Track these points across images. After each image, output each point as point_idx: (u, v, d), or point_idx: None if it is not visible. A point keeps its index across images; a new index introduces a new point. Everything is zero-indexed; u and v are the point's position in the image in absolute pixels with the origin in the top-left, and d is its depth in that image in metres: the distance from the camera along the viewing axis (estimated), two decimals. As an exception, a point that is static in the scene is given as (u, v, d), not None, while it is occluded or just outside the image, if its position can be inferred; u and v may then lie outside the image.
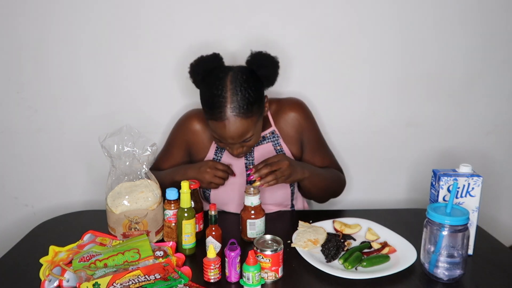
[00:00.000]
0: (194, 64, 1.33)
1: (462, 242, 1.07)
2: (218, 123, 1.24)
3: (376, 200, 1.85)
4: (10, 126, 1.73)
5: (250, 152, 1.44)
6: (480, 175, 1.15)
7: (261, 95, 1.30)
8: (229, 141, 1.28)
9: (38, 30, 1.64)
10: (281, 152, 1.45)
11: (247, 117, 1.24)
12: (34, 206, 1.81)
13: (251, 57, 1.32)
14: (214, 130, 1.28)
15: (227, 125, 1.23)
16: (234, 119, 1.23)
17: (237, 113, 1.23)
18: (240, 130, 1.25)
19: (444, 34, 1.70)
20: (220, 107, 1.22)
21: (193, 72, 1.33)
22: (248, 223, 1.25)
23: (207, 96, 1.26)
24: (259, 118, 1.31)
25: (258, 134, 1.33)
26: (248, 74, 1.28)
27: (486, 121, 1.81)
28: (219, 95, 1.23)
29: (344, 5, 1.66)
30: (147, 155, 1.24)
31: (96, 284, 0.99)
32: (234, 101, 1.22)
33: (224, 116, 1.23)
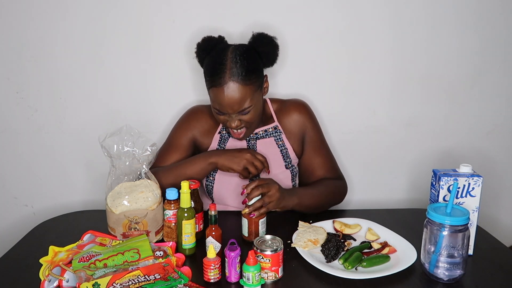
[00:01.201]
0: (201, 43, 1.39)
1: (462, 242, 1.06)
2: (217, 89, 1.29)
3: (376, 200, 1.85)
4: (10, 126, 1.73)
5: (253, 145, 1.46)
6: (480, 175, 1.15)
7: (260, 68, 1.36)
8: (228, 110, 1.31)
9: (38, 30, 1.64)
10: (284, 147, 1.47)
11: (245, 84, 1.29)
12: (34, 206, 1.81)
13: (253, 37, 1.39)
14: (214, 99, 1.32)
15: (225, 90, 1.28)
16: (232, 84, 1.28)
17: (236, 79, 1.28)
18: (238, 96, 1.29)
19: (444, 34, 1.70)
20: (220, 73, 1.29)
21: (198, 50, 1.39)
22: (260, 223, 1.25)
23: (209, 65, 1.33)
24: (257, 91, 1.34)
25: (256, 110, 1.35)
26: (248, 48, 1.35)
27: (486, 121, 1.81)
28: (219, 62, 1.30)
29: (344, 5, 1.66)
30: (147, 155, 1.24)
31: (96, 284, 0.99)
32: (233, 67, 1.28)
33: (223, 81, 1.28)
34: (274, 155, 1.47)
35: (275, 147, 1.47)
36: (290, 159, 1.48)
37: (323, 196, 1.41)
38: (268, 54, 1.38)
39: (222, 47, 1.35)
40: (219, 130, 1.49)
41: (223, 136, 1.48)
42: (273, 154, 1.47)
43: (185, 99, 1.71)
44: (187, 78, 1.71)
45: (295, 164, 1.51)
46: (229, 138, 1.47)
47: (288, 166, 1.48)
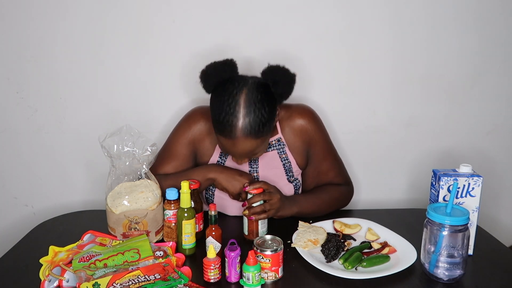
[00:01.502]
0: (206, 71, 1.28)
1: (462, 242, 1.06)
2: (227, 140, 1.22)
3: (376, 200, 1.85)
4: (10, 126, 1.73)
5: (255, 159, 1.41)
6: (480, 175, 1.15)
7: (274, 114, 1.26)
8: (237, 159, 1.29)
9: (38, 30, 1.64)
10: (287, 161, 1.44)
11: (257, 137, 1.21)
12: (34, 206, 1.81)
13: (268, 70, 1.27)
14: (222, 144, 1.26)
15: (236, 143, 1.21)
16: (244, 139, 1.20)
17: (248, 134, 1.19)
18: (248, 149, 1.23)
19: (444, 34, 1.70)
20: (230, 126, 1.18)
21: (204, 80, 1.28)
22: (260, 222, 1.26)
23: (218, 111, 1.21)
24: (268, 136, 1.28)
25: (265, 148, 1.31)
26: (262, 93, 1.22)
27: (486, 121, 1.81)
28: (231, 113, 1.18)
29: (344, 5, 1.66)
30: (147, 155, 1.24)
31: (96, 284, 0.99)
32: (246, 122, 1.18)
33: (234, 135, 1.19)
34: (276, 169, 1.42)
35: (278, 161, 1.43)
36: (292, 173, 1.44)
37: (325, 204, 1.40)
38: (283, 95, 1.27)
39: (233, 91, 1.21)
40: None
41: None
42: (275, 167, 1.43)
43: (185, 99, 1.70)
44: (187, 78, 1.70)
45: (298, 176, 1.48)
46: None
47: (291, 180, 1.45)
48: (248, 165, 1.42)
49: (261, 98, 1.21)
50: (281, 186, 1.40)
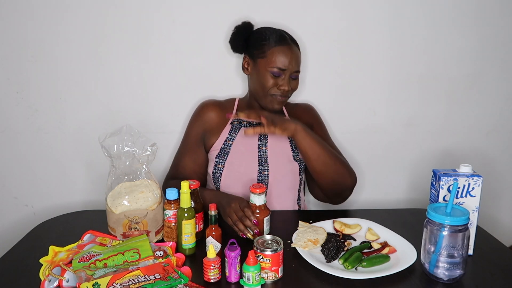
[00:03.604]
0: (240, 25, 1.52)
1: (462, 242, 1.06)
2: (283, 47, 1.42)
3: (376, 200, 1.85)
4: (10, 126, 1.73)
5: (264, 135, 1.50)
6: (480, 175, 1.15)
7: None
8: (288, 66, 1.41)
9: (38, 30, 1.64)
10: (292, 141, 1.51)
11: (299, 49, 1.47)
12: (34, 206, 1.81)
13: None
14: (277, 58, 1.41)
15: (291, 49, 1.42)
16: (293, 46, 1.45)
17: (295, 43, 1.47)
18: (297, 56, 1.44)
19: (444, 34, 1.71)
20: (281, 35, 1.44)
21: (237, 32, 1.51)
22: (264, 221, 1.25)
23: (267, 34, 1.45)
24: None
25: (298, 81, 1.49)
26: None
27: (486, 121, 1.81)
28: (277, 31, 1.46)
29: (344, 6, 1.66)
30: (147, 155, 1.24)
31: (96, 284, 0.99)
32: (289, 36, 1.47)
33: (286, 41, 1.43)
34: (283, 145, 1.51)
35: (285, 138, 1.51)
36: (298, 151, 1.51)
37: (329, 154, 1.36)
38: None
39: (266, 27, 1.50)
40: (231, 121, 1.52)
41: (234, 126, 1.52)
42: (282, 143, 1.51)
43: (185, 98, 1.71)
44: (187, 78, 1.71)
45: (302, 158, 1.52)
46: (240, 128, 1.51)
47: (296, 158, 1.51)
48: (258, 140, 1.49)
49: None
50: (286, 163, 1.49)
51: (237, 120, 1.52)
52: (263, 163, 1.47)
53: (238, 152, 1.48)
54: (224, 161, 1.47)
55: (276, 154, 1.49)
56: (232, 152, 1.48)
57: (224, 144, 1.49)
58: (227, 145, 1.49)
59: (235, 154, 1.47)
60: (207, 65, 1.69)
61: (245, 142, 1.49)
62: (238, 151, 1.48)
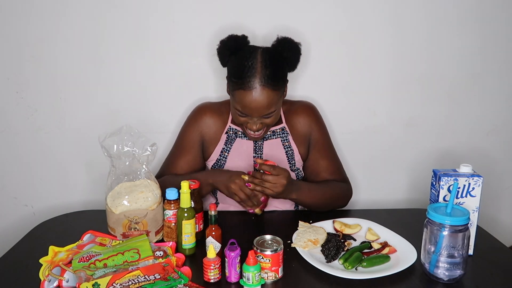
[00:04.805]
0: (225, 40, 1.38)
1: (463, 242, 1.06)
2: (246, 92, 1.28)
3: (376, 200, 1.85)
4: (10, 126, 1.73)
5: (259, 146, 1.46)
6: (480, 175, 1.15)
7: (286, 74, 1.38)
8: (253, 113, 1.31)
9: (38, 30, 1.64)
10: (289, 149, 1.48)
11: (273, 89, 1.30)
12: (33, 206, 1.81)
13: (277, 41, 1.38)
14: (239, 101, 1.31)
15: (254, 94, 1.28)
16: (262, 89, 1.28)
17: (266, 84, 1.28)
18: (266, 101, 1.29)
19: (444, 34, 1.70)
20: (251, 76, 1.28)
21: (222, 48, 1.38)
22: None
23: (238, 67, 1.31)
24: (281, 96, 1.37)
25: (277, 113, 1.37)
26: (276, 53, 1.35)
27: (486, 121, 1.81)
28: (250, 66, 1.29)
29: (345, 5, 1.66)
30: (147, 155, 1.24)
31: (95, 284, 0.99)
32: (264, 72, 1.28)
33: (253, 84, 1.28)
34: (279, 156, 1.47)
35: (281, 148, 1.48)
36: (295, 161, 1.48)
37: (327, 198, 1.41)
38: (291, 60, 1.38)
39: (250, 49, 1.34)
40: (226, 130, 1.48)
41: (230, 136, 1.48)
42: (278, 155, 1.47)
43: (185, 98, 1.70)
44: (187, 78, 1.71)
45: (300, 167, 1.51)
46: (236, 139, 1.47)
47: (293, 168, 1.48)
48: (253, 151, 1.46)
49: (275, 55, 1.34)
50: None
51: (232, 130, 1.48)
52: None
53: (233, 164, 1.46)
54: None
55: None
56: (227, 164, 1.46)
57: (220, 156, 1.47)
58: (223, 156, 1.47)
59: (231, 166, 1.45)
60: (207, 65, 1.69)
61: (240, 154, 1.46)
62: (234, 164, 1.46)
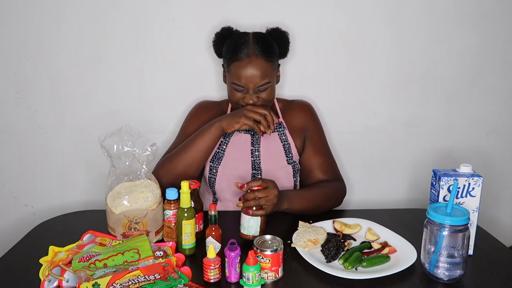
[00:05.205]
0: (219, 31, 1.46)
1: (463, 242, 1.06)
2: (240, 62, 1.35)
3: (376, 200, 1.85)
4: (10, 126, 1.73)
5: (256, 139, 1.48)
6: (480, 175, 1.15)
7: (277, 52, 1.43)
8: (248, 84, 1.35)
9: (38, 30, 1.64)
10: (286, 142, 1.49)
11: (267, 59, 1.36)
12: (33, 206, 1.81)
13: (267, 31, 1.47)
14: (235, 73, 1.36)
15: (249, 64, 1.34)
16: (255, 58, 1.35)
17: (259, 54, 1.35)
18: (260, 70, 1.35)
19: (444, 34, 1.71)
20: (244, 48, 1.35)
21: (217, 38, 1.45)
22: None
23: (232, 44, 1.39)
24: (275, 71, 1.42)
25: (272, 89, 1.42)
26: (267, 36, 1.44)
27: (486, 121, 1.81)
28: (242, 41, 1.37)
29: (344, 5, 1.66)
30: (147, 155, 1.24)
31: (95, 284, 0.99)
32: (256, 44, 1.36)
33: (247, 54, 1.35)
34: (276, 150, 1.48)
35: (278, 142, 1.49)
36: (291, 155, 1.49)
37: (317, 200, 1.40)
38: (281, 45, 1.45)
39: (242, 32, 1.44)
40: None
41: None
42: (275, 148, 1.49)
43: (185, 98, 1.70)
44: (187, 78, 1.71)
45: (297, 160, 1.52)
46: (234, 132, 1.49)
47: (290, 162, 1.49)
48: (250, 144, 1.47)
49: (266, 36, 1.43)
50: (280, 167, 1.47)
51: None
52: (256, 168, 1.46)
53: (231, 157, 1.46)
54: (218, 166, 1.46)
55: (270, 158, 1.47)
56: (225, 157, 1.46)
57: (218, 149, 1.48)
58: (221, 149, 1.48)
59: (229, 159, 1.46)
60: (207, 65, 1.69)
61: (238, 147, 1.47)
62: (232, 157, 1.46)
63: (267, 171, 1.46)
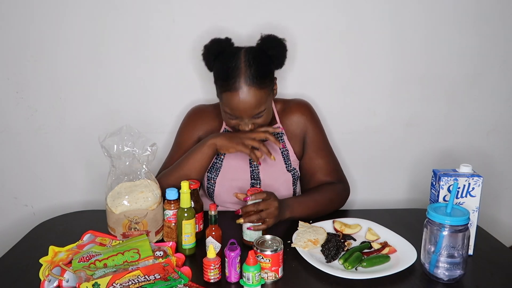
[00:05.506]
0: (208, 45, 1.38)
1: (463, 242, 1.06)
2: (232, 93, 1.28)
3: (376, 200, 1.85)
4: (10, 126, 1.73)
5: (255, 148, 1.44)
6: (480, 175, 1.15)
7: (272, 71, 1.36)
8: (242, 114, 1.30)
9: (38, 30, 1.64)
10: (285, 149, 1.47)
11: (260, 88, 1.28)
12: (33, 206, 1.81)
13: (261, 39, 1.38)
14: (227, 103, 1.30)
15: (241, 95, 1.27)
16: (248, 89, 1.27)
17: (251, 83, 1.27)
18: (253, 101, 1.28)
19: (444, 34, 1.70)
20: (235, 77, 1.27)
21: (207, 53, 1.37)
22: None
23: (222, 69, 1.31)
24: (270, 94, 1.35)
25: (268, 112, 1.36)
26: (259, 51, 1.35)
27: (486, 121, 1.81)
28: (233, 66, 1.28)
29: (344, 5, 1.66)
30: (147, 155, 1.24)
31: (95, 284, 0.99)
32: (248, 71, 1.27)
33: (238, 85, 1.27)
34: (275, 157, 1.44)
35: (277, 149, 1.46)
36: (290, 162, 1.48)
37: (319, 206, 1.38)
38: (277, 57, 1.38)
39: (232, 51, 1.34)
40: (222, 131, 1.48)
41: None
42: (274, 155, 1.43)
43: (185, 98, 1.70)
44: (187, 78, 1.71)
45: (296, 166, 1.50)
46: None
47: (289, 169, 1.47)
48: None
49: (259, 54, 1.33)
50: (279, 175, 1.44)
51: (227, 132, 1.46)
52: (255, 177, 1.44)
53: (230, 167, 1.44)
54: (216, 177, 1.44)
55: (268, 167, 1.44)
56: (224, 167, 1.44)
57: (216, 159, 1.45)
58: (219, 159, 1.45)
59: (227, 169, 1.44)
60: (207, 65, 1.69)
61: (236, 157, 1.44)
62: (230, 166, 1.44)
63: (266, 179, 1.44)
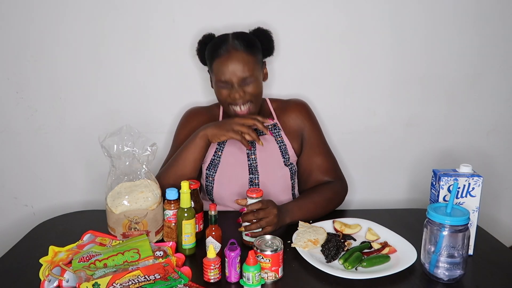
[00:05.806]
0: (201, 39, 1.48)
1: (463, 242, 1.06)
2: (220, 59, 1.35)
3: (376, 200, 1.85)
4: (10, 126, 1.73)
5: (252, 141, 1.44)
6: (480, 175, 1.15)
7: (259, 47, 1.43)
8: (231, 77, 1.35)
9: (38, 30, 1.64)
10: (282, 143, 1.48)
11: (246, 52, 1.36)
12: (33, 206, 1.81)
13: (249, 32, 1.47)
14: (218, 70, 1.36)
15: (229, 58, 1.34)
16: (235, 52, 1.35)
17: (238, 47, 1.36)
18: (241, 63, 1.34)
19: (444, 34, 1.70)
20: (224, 44, 1.37)
21: (200, 45, 1.47)
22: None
23: (212, 45, 1.41)
24: (258, 65, 1.40)
25: (258, 84, 1.40)
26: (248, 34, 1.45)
27: (486, 121, 1.81)
28: (222, 40, 1.39)
29: (344, 5, 1.66)
30: (147, 155, 1.24)
31: (95, 284, 0.99)
32: (235, 39, 1.38)
33: (227, 49, 1.35)
34: (272, 152, 1.47)
35: (274, 143, 1.48)
36: (288, 156, 1.48)
37: (319, 207, 1.38)
38: (263, 43, 1.45)
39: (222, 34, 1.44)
40: None
41: None
42: (271, 150, 1.47)
43: (185, 98, 1.70)
44: (186, 78, 1.71)
45: (294, 162, 1.51)
46: None
47: (287, 163, 1.48)
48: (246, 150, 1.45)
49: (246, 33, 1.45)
50: (277, 170, 1.45)
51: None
52: (253, 171, 1.45)
53: (228, 163, 1.45)
54: (214, 174, 1.44)
55: (266, 161, 1.45)
56: (222, 164, 1.45)
57: (214, 156, 1.46)
58: (217, 156, 1.46)
59: (225, 165, 1.45)
60: (207, 65, 1.69)
61: (234, 152, 1.46)
62: (228, 163, 1.45)
63: (264, 173, 1.44)
